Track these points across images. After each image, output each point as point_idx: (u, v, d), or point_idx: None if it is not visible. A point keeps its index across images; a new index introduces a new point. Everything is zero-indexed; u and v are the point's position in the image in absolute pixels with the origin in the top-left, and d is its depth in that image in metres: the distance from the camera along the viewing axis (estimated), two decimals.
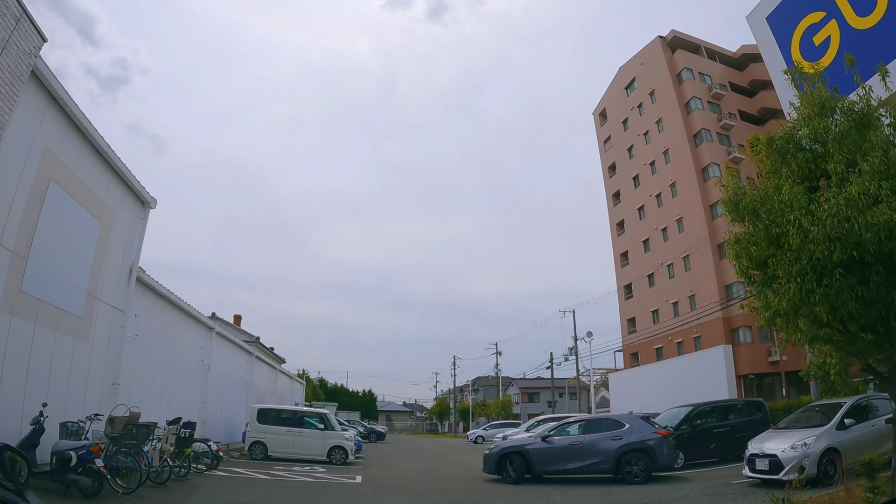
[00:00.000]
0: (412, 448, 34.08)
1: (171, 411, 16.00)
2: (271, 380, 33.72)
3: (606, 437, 14.41)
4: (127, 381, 13.69)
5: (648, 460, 13.97)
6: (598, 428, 15.04)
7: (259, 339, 52.10)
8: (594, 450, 14.27)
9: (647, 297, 50.70)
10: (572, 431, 15.25)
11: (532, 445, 14.87)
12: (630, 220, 55.10)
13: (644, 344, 49.34)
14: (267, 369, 32.79)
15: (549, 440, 14.78)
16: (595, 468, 14.30)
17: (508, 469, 14.49)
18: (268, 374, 32.98)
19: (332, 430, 19.87)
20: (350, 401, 79.03)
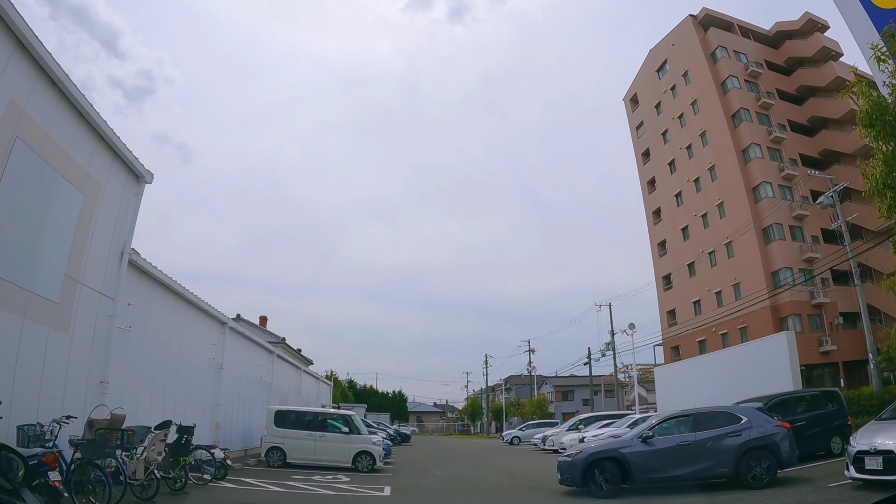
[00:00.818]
0: (445, 450, 32.16)
1: (174, 414, 14.27)
2: (295, 380, 32.07)
3: (723, 433, 11.93)
4: (119, 379, 12.00)
5: (773, 458, 11.63)
6: (710, 423, 12.36)
7: (285, 339, 50.47)
8: (709, 450, 11.72)
9: (688, 287, 48.16)
10: (678, 429, 12.58)
11: (630, 448, 12.10)
12: (667, 207, 52.54)
13: (686, 337, 46.82)
14: (290, 369, 31.13)
15: (651, 441, 12.12)
16: (710, 472, 11.77)
17: (598, 479, 11.73)
18: (291, 374, 31.33)
19: (357, 434, 17.97)
20: (380, 402, 77.34)
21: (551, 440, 28.03)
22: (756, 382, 22.88)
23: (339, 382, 63.72)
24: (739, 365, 24.35)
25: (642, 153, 57.37)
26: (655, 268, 52.94)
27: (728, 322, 42.29)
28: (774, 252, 41.65)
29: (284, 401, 28.07)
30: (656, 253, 53.33)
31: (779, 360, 22.14)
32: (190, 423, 14.65)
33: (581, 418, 28.94)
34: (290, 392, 30.77)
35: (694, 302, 47.07)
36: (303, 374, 34.28)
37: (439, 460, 23.69)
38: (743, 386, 23.84)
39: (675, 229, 50.76)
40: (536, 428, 41.38)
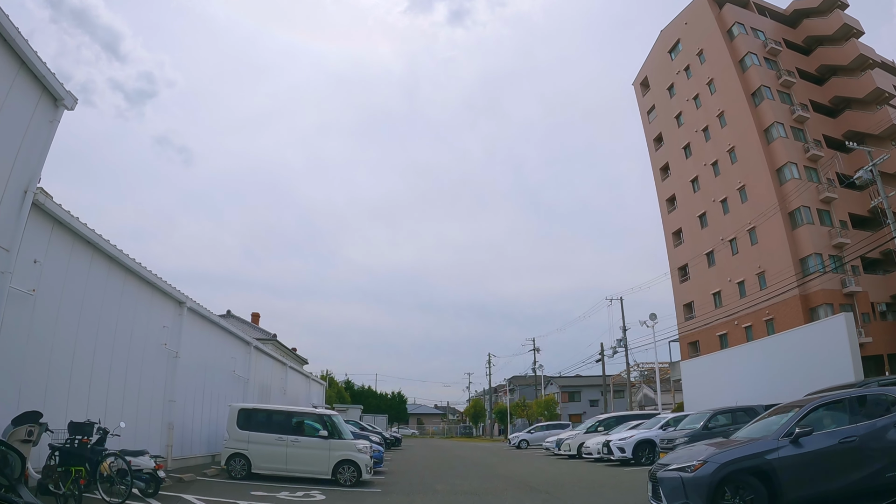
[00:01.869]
0: (446, 456, 28.88)
1: (105, 412, 11.12)
2: (280, 378, 28.83)
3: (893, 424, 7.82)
4: (14, 359, 8.78)
5: None
6: (875, 410, 8.19)
7: (276, 336, 47.72)
8: (881, 449, 7.66)
9: (707, 277, 44.92)
10: (831, 421, 8.32)
11: (777, 453, 7.77)
12: (682, 193, 49.31)
13: (705, 331, 43.55)
14: (273, 365, 27.88)
15: (803, 440, 7.82)
16: (880, 480, 7.52)
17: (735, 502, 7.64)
18: (275, 370, 28.08)
19: (339, 439, 14.47)
20: (378, 403, 73.90)
21: (568, 444, 24.80)
22: (808, 373, 19.69)
23: (335, 383, 60.42)
24: (787, 354, 21.14)
25: (654, 138, 54.16)
26: (670, 258, 49.68)
27: (752, 314, 39.03)
28: (803, 237, 38.42)
29: (265, 400, 24.83)
30: (671, 242, 50.06)
31: (836, 346, 18.93)
32: (127, 421, 11.55)
33: (601, 419, 25.72)
34: (274, 390, 27.54)
35: (714, 293, 43.82)
36: (289, 371, 31.02)
37: (440, 469, 20.40)
38: (791, 377, 20.66)
39: (691, 216, 47.52)
40: (546, 430, 38.16)
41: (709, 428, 17.84)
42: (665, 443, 17.88)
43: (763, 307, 38.03)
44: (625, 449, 19.38)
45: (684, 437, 17.41)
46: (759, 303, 37.52)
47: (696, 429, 17.75)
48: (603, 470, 18.47)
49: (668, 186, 51.13)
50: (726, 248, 43.09)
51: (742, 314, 39.69)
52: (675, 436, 17.72)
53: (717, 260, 43.94)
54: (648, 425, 20.95)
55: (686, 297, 47.04)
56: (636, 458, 19.27)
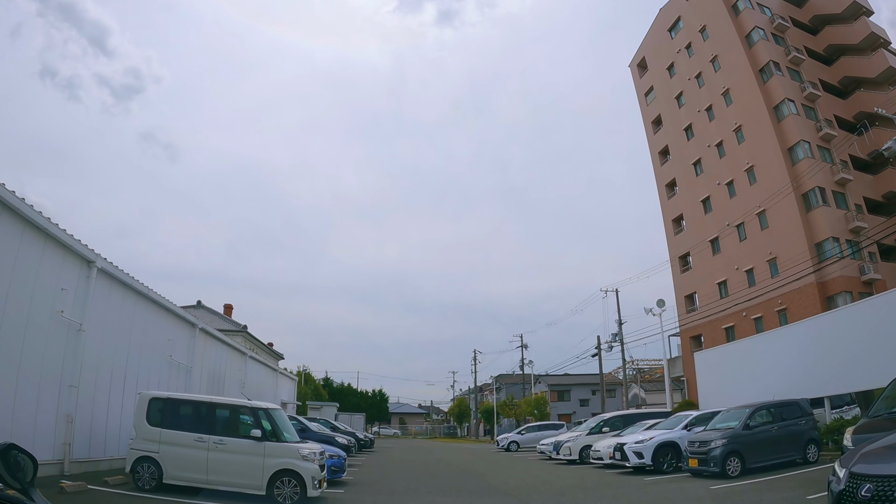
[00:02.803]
0: (427, 460, 25.38)
1: None
2: (237, 368, 25.24)
3: None
4: None
5: None
6: None
7: (246, 327, 44.51)
8: None
9: (711, 266, 41.77)
10: None
11: None
12: (683, 177, 46.17)
13: (709, 324, 40.39)
14: (228, 353, 24.26)
15: None
16: None
17: None
18: (230, 360, 24.47)
19: (278, 442, 10.99)
20: (358, 402, 70.12)
21: (568, 447, 21.33)
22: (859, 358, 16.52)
23: (312, 379, 56.81)
24: (831, 338, 17.92)
25: (652, 121, 51.02)
26: (670, 247, 46.51)
27: (763, 304, 35.94)
28: (818, 220, 35.35)
29: (217, 394, 21.20)
30: (670, 230, 46.89)
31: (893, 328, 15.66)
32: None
33: (606, 419, 22.26)
34: (230, 382, 23.95)
35: (719, 283, 40.65)
36: (250, 362, 27.39)
37: (418, 478, 16.87)
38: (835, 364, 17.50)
39: (693, 201, 44.38)
40: (539, 431, 34.79)
41: (750, 427, 14.53)
42: (696, 446, 14.55)
43: (775, 296, 34.93)
44: (643, 454, 16.00)
45: (722, 438, 14.09)
46: (770, 290, 34.43)
47: (734, 428, 14.44)
48: (620, 480, 15.09)
49: (668, 170, 48.00)
50: (733, 234, 39.97)
51: (751, 305, 36.57)
52: (709, 437, 14.40)
53: (723, 247, 40.83)
54: (667, 425, 17.59)
55: (688, 288, 43.88)
56: (656, 464, 15.91)
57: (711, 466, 13.78)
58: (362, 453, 27.79)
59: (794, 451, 15.03)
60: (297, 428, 20.33)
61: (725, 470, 13.68)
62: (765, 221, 37.84)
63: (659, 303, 30.02)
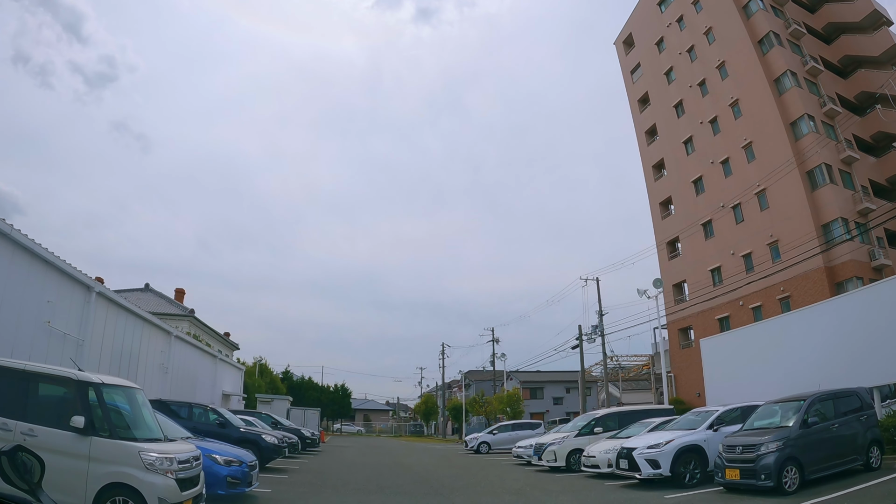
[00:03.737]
0: (383, 463, 21.19)
1: None
2: (156, 349, 20.76)
3: None
4: None
5: None
6: None
7: (193, 311, 40.60)
8: None
9: (703, 251, 38.24)
10: None
11: None
12: (672, 157, 42.66)
13: (700, 315, 36.90)
14: (144, 329, 19.69)
15: None
16: None
17: None
18: (147, 337, 19.93)
19: (111, 438, 6.91)
20: (319, 397, 65.42)
21: (553, 451, 17.25)
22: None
23: (268, 372, 52.07)
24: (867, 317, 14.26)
25: (638, 99, 47.44)
26: (657, 232, 42.94)
27: (763, 292, 32.51)
28: (825, 199, 32.00)
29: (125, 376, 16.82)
30: (657, 214, 43.33)
31: None
32: None
33: (597, 416, 18.17)
34: (146, 365, 19.51)
35: (712, 270, 37.14)
36: (176, 343, 22.89)
37: (359, 492, 12.75)
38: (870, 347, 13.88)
39: (683, 182, 40.88)
40: (513, 431, 30.79)
41: (808, 425, 10.71)
42: (737, 451, 10.64)
43: (776, 283, 31.52)
44: (659, 462, 12.01)
45: (774, 440, 10.24)
46: (771, 276, 31.00)
47: (788, 427, 10.59)
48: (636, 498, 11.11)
49: (656, 150, 44.46)
50: (728, 217, 36.51)
51: (749, 293, 33.13)
52: (755, 440, 10.49)
53: (717, 230, 37.34)
54: (684, 424, 13.58)
55: (676, 276, 40.33)
56: (676, 475, 11.97)
57: (762, 479, 9.90)
58: (305, 454, 23.59)
59: (856, 454, 11.32)
60: (216, 422, 16.17)
61: (782, 483, 9.83)
62: (765, 201, 34.42)
63: (656, 282, 26.21)
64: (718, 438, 12.02)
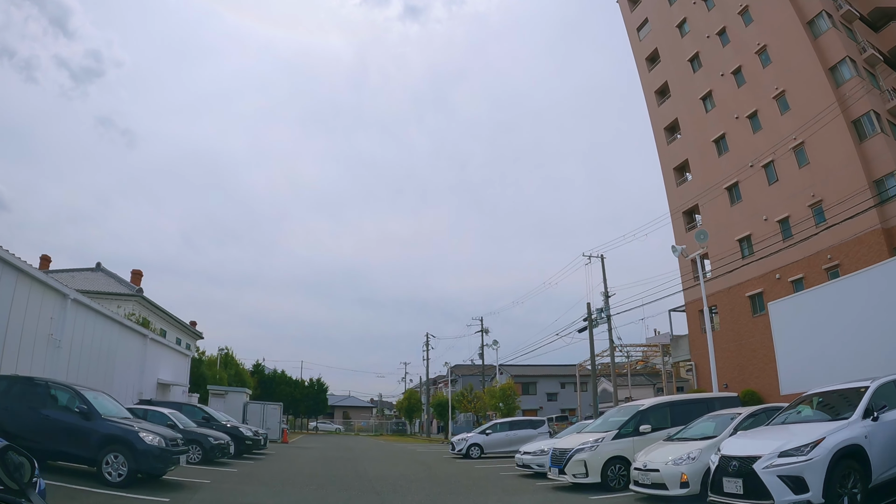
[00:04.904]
0: (336, 476, 15.47)
1: None
2: (48, 314, 15.31)
3: None
4: None
5: None
6: None
7: (142, 291, 36.02)
8: None
9: (728, 219, 33.13)
10: None
11: None
12: (688, 116, 37.55)
13: (726, 292, 31.83)
14: (18, 281, 14.26)
15: None
16: None
17: None
18: (24, 293, 14.51)
19: None
20: (292, 392, 59.53)
21: (581, 461, 11.58)
22: None
23: (234, 363, 46.26)
24: None
25: (646, 58, 42.30)
26: (671, 201, 37.81)
27: (805, 262, 27.58)
28: (876, 150, 26.98)
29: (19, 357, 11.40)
30: (672, 181, 38.22)
31: None
32: None
33: (642, 408, 12.39)
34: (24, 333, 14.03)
35: (739, 239, 32.04)
36: (74, 309, 17.28)
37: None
38: None
39: (702, 142, 35.77)
40: (510, 430, 25.38)
41: None
42: None
43: (822, 250, 26.53)
44: (804, 478, 6.65)
45: None
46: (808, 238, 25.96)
47: None
48: None
49: (668, 111, 39.34)
50: (758, 177, 31.44)
51: (786, 264, 28.11)
52: None
53: (745, 193, 32.28)
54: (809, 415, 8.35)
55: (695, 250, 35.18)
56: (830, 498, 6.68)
57: None
58: (241, 461, 18.09)
59: None
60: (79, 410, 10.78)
61: None
62: (803, 157, 29.38)
63: (699, 235, 20.88)
64: (886, 432, 6.85)
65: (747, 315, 30.56)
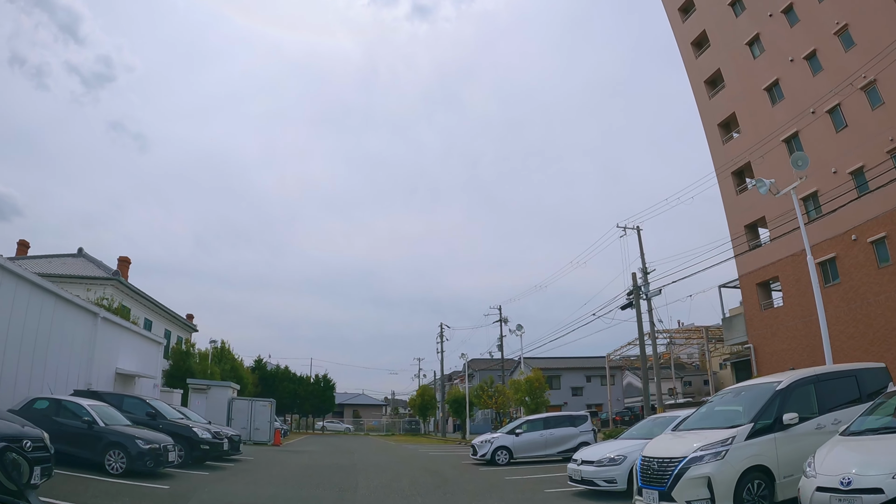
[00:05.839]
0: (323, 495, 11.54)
1: None
2: None
3: None
4: None
5: None
6: None
7: (118, 273, 32.33)
8: None
9: (788, 175, 28.58)
10: None
11: None
12: (732, 64, 32.94)
13: (789, 260, 27.43)
14: None
15: None
16: None
17: None
18: None
19: None
20: (296, 388, 55.50)
21: (700, 479, 7.09)
22: None
23: (229, 356, 42.23)
24: None
25: (679, 7, 37.65)
26: (716, 161, 33.21)
27: (888, 217, 23.09)
28: None
29: None
30: (716, 138, 33.65)
31: None
32: None
33: (779, 387, 7.95)
34: None
35: (803, 198, 27.43)
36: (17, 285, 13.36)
37: None
38: None
39: (752, 92, 31.20)
40: (546, 429, 20.79)
41: None
42: None
43: None
44: None
45: None
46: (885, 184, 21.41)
47: None
48: None
49: (708, 62, 34.75)
50: (822, 124, 26.90)
51: (864, 220, 23.63)
52: None
53: (807, 144, 27.70)
54: None
55: (748, 214, 30.69)
56: None
57: None
58: (189, 472, 13.77)
59: None
60: None
61: None
62: (876, 96, 24.82)
63: (798, 160, 16.12)
64: None
65: (807, 285, 25.96)
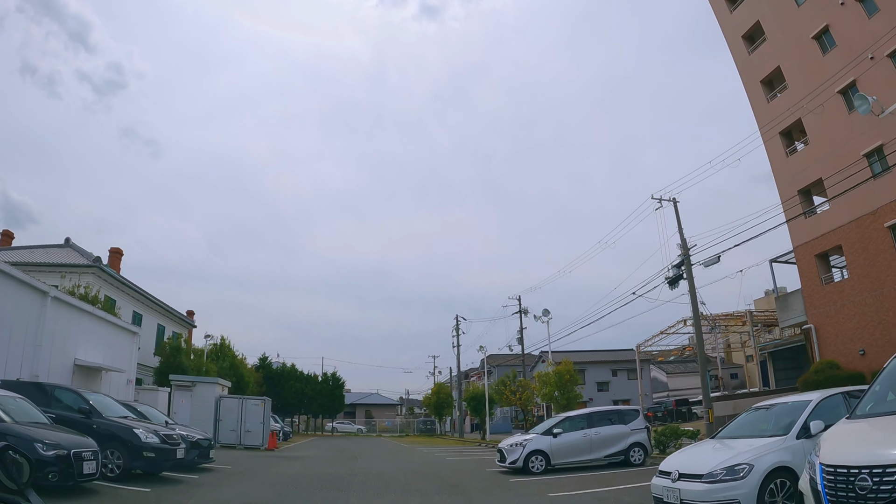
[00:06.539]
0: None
1: None
2: None
3: None
4: None
5: None
6: None
7: (100, 259, 30.29)
8: None
9: (845, 131, 25.02)
10: None
11: None
12: (774, 16, 29.41)
13: (855, 224, 23.98)
14: None
15: None
16: None
17: None
18: None
19: None
20: (303, 388, 52.16)
21: None
22: None
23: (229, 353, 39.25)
24: None
25: None
26: (759, 120, 29.66)
27: None
28: None
29: None
30: (759, 96, 30.14)
31: None
32: None
33: None
34: None
35: (867, 154, 23.87)
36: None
37: None
38: None
39: (798, 42, 27.70)
40: (589, 427, 17.33)
41: None
42: None
43: None
44: None
45: None
46: None
47: None
48: None
49: (745, 15, 31.23)
50: (883, 69, 23.37)
51: None
52: None
53: (867, 93, 24.10)
54: None
55: (802, 178, 27.10)
56: None
57: None
58: (123, 487, 10.63)
59: None
60: None
61: None
62: None
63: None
64: None
65: (890, 253, 22.47)
